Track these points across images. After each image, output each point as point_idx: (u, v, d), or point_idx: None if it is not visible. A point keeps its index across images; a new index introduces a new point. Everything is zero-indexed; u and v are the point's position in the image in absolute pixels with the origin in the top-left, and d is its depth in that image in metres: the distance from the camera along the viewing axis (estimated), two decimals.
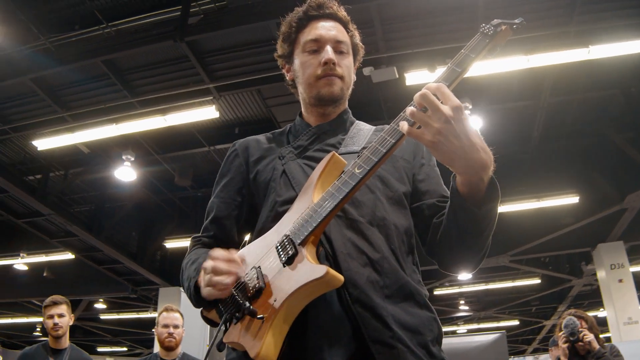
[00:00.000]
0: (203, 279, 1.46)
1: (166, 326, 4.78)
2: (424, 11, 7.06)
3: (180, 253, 13.64)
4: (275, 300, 1.38)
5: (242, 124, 10.08)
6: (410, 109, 1.34)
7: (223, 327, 1.50)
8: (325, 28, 1.81)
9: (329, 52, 1.76)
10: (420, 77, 7.47)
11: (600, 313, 17.32)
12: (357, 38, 1.91)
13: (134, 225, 13.90)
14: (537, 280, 16.14)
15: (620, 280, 11.88)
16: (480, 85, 8.26)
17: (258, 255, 1.54)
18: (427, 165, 1.79)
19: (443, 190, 1.74)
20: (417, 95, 1.34)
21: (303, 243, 1.41)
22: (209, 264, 1.44)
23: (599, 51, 6.99)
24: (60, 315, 4.76)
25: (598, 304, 16.18)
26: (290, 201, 1.62)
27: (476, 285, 16.66)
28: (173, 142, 10.50)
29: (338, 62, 1.77)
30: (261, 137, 1.94)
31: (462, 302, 18.72)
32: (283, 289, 1.38)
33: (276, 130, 1.97)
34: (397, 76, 7.45)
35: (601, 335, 4.69)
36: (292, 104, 8.61)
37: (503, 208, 10.69)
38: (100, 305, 18.59)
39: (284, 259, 1.42)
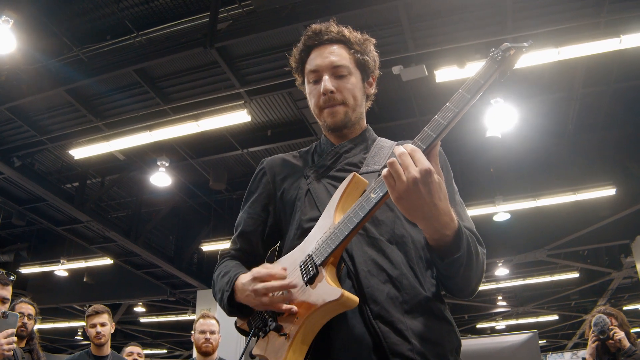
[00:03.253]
0: (258, 300, 1.54)
1: (203, 332, 4.89)
2: (451, 7, 7.03)
3: (217, 256, 13.71)
4: (297, 319, 1.48)
5: (274, 126, 10.15)
6: (388, 160, 1.39)
7: (253, 339, 1.62)
8: (322, 56, 1.86)
9: (326, 82, 1.81)
10: (450, 74, 7.43)
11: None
12: (366, 52, 1.91)
13: (171, 230, 14.08)
14: (575, 274, 15.89)
15: None
16: (512, 79, 8.19)
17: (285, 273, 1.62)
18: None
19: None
20: (395, 153, 1.39)
21: (323, 264, 1.50)
22: (260, 286, 1.53)
23: (631, 40, 6.87)
24: (102, 324, 4.89)
25: (639, 296, 15.93)
26: (314, 220, 1.68)
27: (514, 281, 16.48)
28: (206, 147, 10.62)
29: (338, 87, 1.82)
30: (288, 156, 2.01)
31: (500, 298, 18.56)
32: (304, 308, 1.48)
33: (302, 149, 2.04)
34: (427, 74, 7.42)
35: (633, 331, 4.62)
36: None
37: (539, 202, 10.60)
38: (139, 309, 18.82)
39: (305, 278, 1.51)
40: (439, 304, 1.62)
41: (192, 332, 5.04)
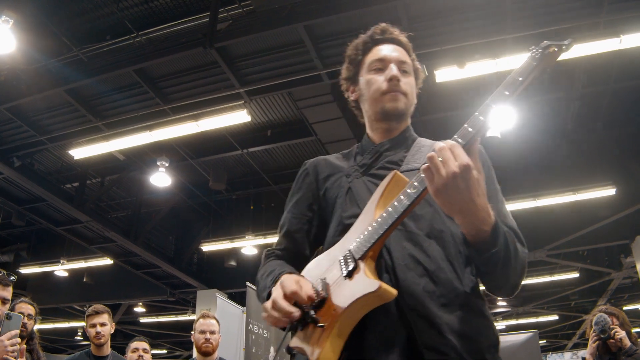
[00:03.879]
0: (268, 314, 1.59)
1: (203, 332, 4.88)
2: (451, 7, 7.03)
3: (217, 256, 13.80)
4: (335, 310, 1.50)
5: (274, 126, 10.16)
6: (428, 154, 1.42)
7: (290, 332, 1.63)
8: (389, 50, 1.91)
9: (393, 69, 1.85)
10: (450, 74, 7.44)
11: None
12: (418, 64, 1.98)
13: (171, 230, 14.09)
14: (575, 274, 15.88)
15: None
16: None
17: (324, 267, 1.67)
18: (487, 186, 1.81)
19: (500, 214, 1.76)
20: (435, 148, 1.42)
21: (362, 258, 1.52)
22: (272, 300, 1.56)
23: (631, 40, 6.87)
24: (102, 324, 4.88)
25: (639, 296, 15.94)
26: (354, 217, 1.70)
27: None
28: (206, 147, 10.63)
29: (402, 80, 1.85)
30: (330, 157, 2.04)
31: (500, 297, 18.53)
32: (342, 301, 1.49)
33: (345, 151, 2.06)
34: (427, 74, 7.41)
35: (634, 331, 4.60)
36: (324, 105, 8.64)
37: (539, 202, 10.61)
38: (139, 309, 18.82)
39: (345, 272, 1.53)
40: (477, 299, 1.63)
41: (192, 332, 5.03)
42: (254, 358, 7.32)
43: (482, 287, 1.71)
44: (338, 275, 1.56)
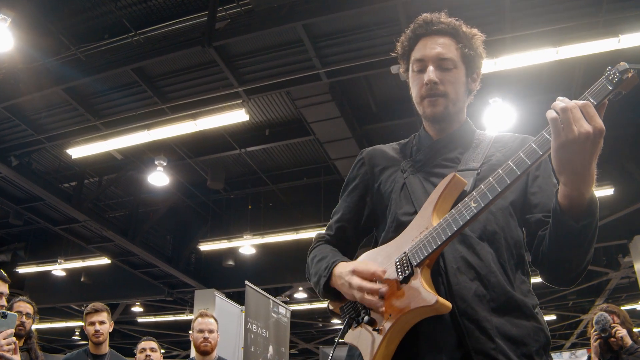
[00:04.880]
0: (349, 291, 1.64)
1: (201, 331, 4.87)
2: (450, 7, 6.94)
3: (215, 255, 13.79)
4: (390, 316, 1.53)
5: (272, 125, 10.16)
6: (560, 106, 1.38)
7: (346, 326, 1.70)
8: (430, 46, 1.84)
9: (430, 73, 1.80)
10: None
11: (639, 306, 17.04)
12: (474, 48, 1.90)
13: (168, 229, 14.08)
14: None
15: None
16: (511, 79, 8.19)
17: (380, 265, 1.66)
18: (542, 178, 1.79)
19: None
20: (566, 103, 1.38)
21: (419, 265, 1.53)
22: (355, 281, 1.61)
23: (630, 40, 6.86)
24: (101, 323, 4.87)
25: (637, 296, 15.93)
26: (409, 214, 1.72)
27: None
28: (204, 146, 10.62)
29: (441, 80, 1.80)
30: (387, 147, 2.03)
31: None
32: (397, 307, 1.52)
33: (402, 141, 2.04)
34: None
35: (635, 330, 4.59)
36: (322, 104, 8.64)
37: None
38: (137, 309, 18.80)
39: (401, 277, 1.54)
40: (529, 302, 1.62)
41: (191, 331, 5.02)
42: (252, 357, 7.32)
43: (538, 280, 1.69)
44: (394, 277, 1.57)
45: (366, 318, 1.57)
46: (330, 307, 1.85)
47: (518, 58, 7.21)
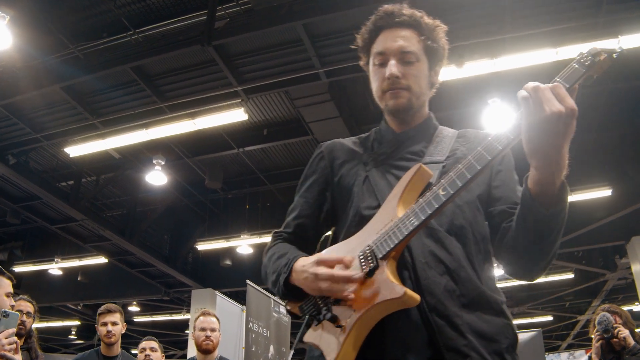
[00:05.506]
0: (316, 284, 1.54)
1: (203, 330, 4.85)
2: (449, 6, 7.01)
3: (212, 255, 13.77)
4: (354, 311, 1.45)
5: (271, 125, 10.14)
6: (531, 85, 1.36)
7: (305, 326, 1.61)
8: (392, 39, 1.79)
9: (392, 66, 1.75)
10: (448, 73, 7.43)
11: (636, 307, 17.06)
12: (437, 39, 1.85)
13: (166, 229, 14.06)
14: (570, 275, 15.90)
15: None
16: (510, 79, 8.19)
17: None
18: (504, 172, 1.78)
19: (516, 197, 1.71)
20: (536, 85, 1.36)
21: (385, 257, 1.47)
22: (323, 271, 1.52)
23: (629, 41, 6.86)
24: (114, 324, 4.85)
25: (633, 298, 15.92)
26: (372, 208, 1.66)
27: (509, 281, 16.48)
28: (202, 146, 10.61)
29: (404, 74, 1.75)
30: (346, 141, 1.96)
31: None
32: (362, 302, 1.45)
33: (362, 135, 2.00)
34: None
35: (637, 330, 4.59)
36: (320, 104, 8.62)
37: None
38: (133, 308, 18.78)
39: (365, 270, 1.48)
40: (497, 297, 1.59)
41: (192, 330, 5.00)
42: (253, 357, 7.31)
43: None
44: (357, 271, 1.50)
45: (328, 315, 1.49)
46: (289, 307, 1.75)
47: (517, 58, 7.21)
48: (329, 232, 1.89)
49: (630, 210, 10.91)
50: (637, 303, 13.18)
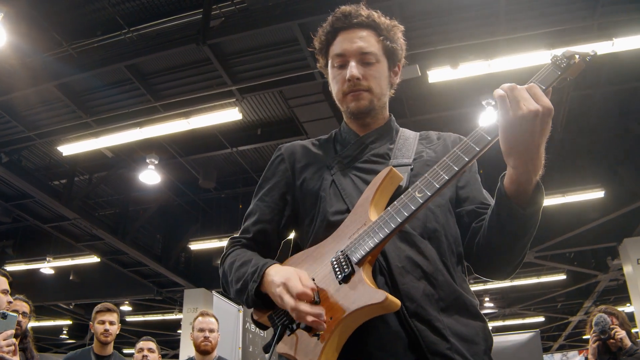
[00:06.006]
0: (279, 301, 1.46)
1: (202, 330, 4.84)
2: (445, 8, 7.03)
3: (205, 254, 13.75)
4: (331, 319, 1.39)
5: (264, 125, 10.13)
6: (507, 85, 1.39)
7: (277, 336, 1.53)
8: (350, 40, 1.77)
9: (352, 68, 1.73)
10: (443, 75, 7.45)
11: (627, 309, 17.12)
12: (395, 39, 1.84)
13: (159, 228, 14.02)
14: (562, 276, 15.98)
15: None
16: (504, 81, 8.18)
17: (312, 266, 1.55)
18: (469, 172, 1.78)
19: (483, 197, 1.74)
20: (512, 85, 1.39)
21: (360, 263, 1.42)
22: (287, 299, 1.43)
23: (624, 43, 6.91)
24: (111, 323, 4.86)
25: (625, 299, 16.00)
26: (340, 213, 1.62)
27: (500, 282, 16.56)
28: (196, 145, 10.58)
29: (364, 75, 1.74)
30: (307, 143, 1.91)
31: (487, 299, 18.60)
32: (340, 308, 1.39)
33: (322, 137, 1.95)
34: (420, 74, 7.42)
35: (634, 331, 4.62)
36: (314, 104, 8.62)
37: None
38: (125, 308, 18.73)
39: (340, 276, 1.43)
40: (473, 300, 1.58)
41: (191, 330, 4.98)
42: (251, 357, 7.30)
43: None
44: (331, 278, 1.46)
45: (303, 324, 1.43)
46: (255, 317, 1.68)
47: (512, 60, 7.23)
48: (291, 237, 1.85)
49: (622, 212, 10.96)
50: (628, 304, 13.22)
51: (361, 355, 1.44)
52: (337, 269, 1.45)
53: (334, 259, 1.48)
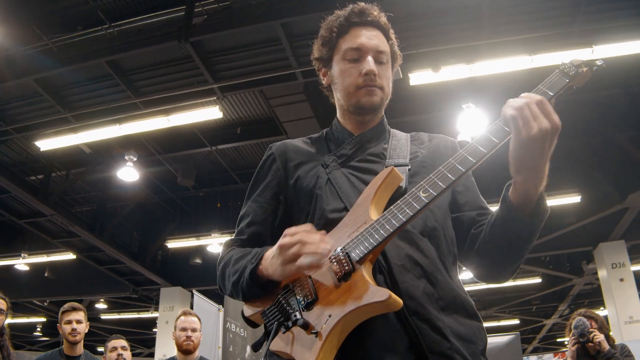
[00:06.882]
0: (283, 256, 1.43)
1: (184, 329, 4.76)
2: (428, 11, 7.06)
3: (182, 253, 13.68)
4: (330, 316, 1.37)
5: (245, 124, 10.10)
6: (517, 104, 1.39)
7: (271, 334, 1.49)
8: (367, 36, 1.77)
9: (370, 63, 1.72)
10: (424, 77, 7.48)
11: (601, 312, 17.28)
12: (396, 45, 1.86)
13: (136, 226, 13.93)
14: (538, 280, 16.14)
15: (622, 280, 11.91)
16: (485, 85, 8.26)
17: None
18: (467, 177, 1.77)
19: (481, 202, 1.75)
20: (523, 99, 1.40)
21: (361, 261, 1.41)
22: (288, 240, 1.42)
23: (603, 51, 6.99)
24: (79, 322, 4.76)
25: (599, 302, 16.21)
26: (337, 211, 1.61)
27: (477, 285, 16.64)
28: (175, 143, 10.52)
29: (378, 73, 1.73)
30: (299, 142, 1.90)
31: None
32: (340, 306, 1.37)
33: (313, 136, 1.93)
34: (401, 76, 7.44)
35: (612, 334, 4.67)
36: (295, 104, 8.61)
37: None
38: (101, 305, 18.59)
39: (340, 274, 1.41)
40: (469, 300, 1.58)
41: (173, 330, 4.92)
42: (231, 357, 7.26)
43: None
44: (330, 276, 1.43)
45: (300, 321, 1.39)
46: (247, 314, 1.63)
47: (493, 64, 7.29)
48: None
49: (598, 217, 11.10)
50: (602, 308, 13.40)
51: (359, 354, 1.42)
52: (336, 267, 1.43)
53: (333, 257, 1.44)
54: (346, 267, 1.40)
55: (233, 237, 1.83)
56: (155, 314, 17.03)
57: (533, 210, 1.44)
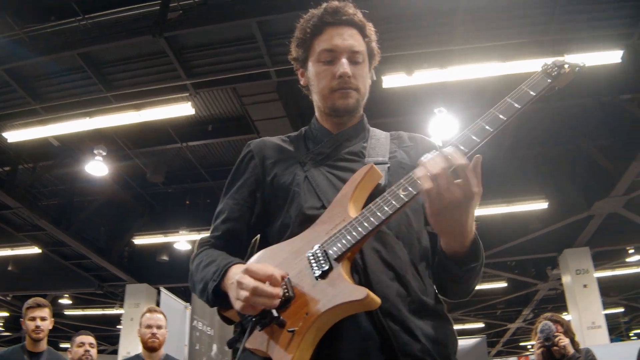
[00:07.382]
0: (237, 293, 1.40)
1: (149, 327, 4.72)
2: (402, 15, 7.10)
3: (149, 249, 13.57)
4: (307, 314, 1.37)
5: (216, 121, 10.06)
6: (434, 172, 1.33)
7: (247, 332, 1.48)
8: (341, 37, 1.75)
9: (344, 65, 1.71)
10: (397, 80, 7.53)
11: (565, 317, 17.57)
12: (374, 41, 1.84)
13: (103, 221, 13.76)
14: (503, 284, 16.33)
15: (585, 286, 12.12)
16: (457, 90, 8.34)
17: (285, 261, 1.51)
18: None
19: None
20: (459, 163, 1.33)
21: (339, 259, 1.41)
22: (248, 281, 1.37)
23: (575, 60, 7.07)
24: (43, 319, 4.66)
25: (562, 308, 16.44)
26: (315, 208, 1.60)
27: None
28: (146, 138, 10.42)
29: (353, 74, 1.73)
30: (277, 140, 1.89)
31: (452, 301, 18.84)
32: (317, 304, 1.37)
33: (291, 134, 1.93)
34: (375, 78, 7.47)
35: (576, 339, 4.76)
36: (268, 103, 8.60)
37: None
38: (65, 301, 18.33)
39: (317, 272, 1.41)
40: (440, 304, 1.60)
41: (138, 326, 4.86)
42: (197, 355, 7.23)
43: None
44: (307, 273, 1.43)
45: (277, 318, 1.38)
46: (223, 313, 1.63)
47: (466, 70, 7.36)
48: (256, 237, 1.80)
49: (564, 223, 11.28)
50: (565, 313, 13.59)
51: (333, 352, 1.42)
52: (314, 265, 1.43)
53: (310, 254, 1.45)
54: (324, 265, 1.40)
55: (206, 235, 1.81)
56: (120, 311, 16.84)
57: (462, 260, 1.47)
